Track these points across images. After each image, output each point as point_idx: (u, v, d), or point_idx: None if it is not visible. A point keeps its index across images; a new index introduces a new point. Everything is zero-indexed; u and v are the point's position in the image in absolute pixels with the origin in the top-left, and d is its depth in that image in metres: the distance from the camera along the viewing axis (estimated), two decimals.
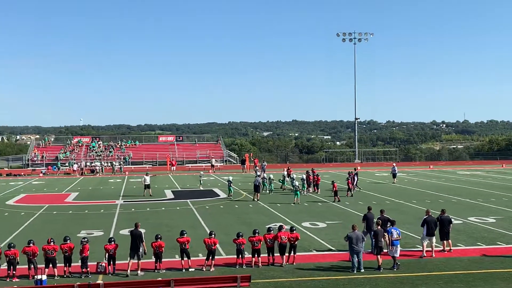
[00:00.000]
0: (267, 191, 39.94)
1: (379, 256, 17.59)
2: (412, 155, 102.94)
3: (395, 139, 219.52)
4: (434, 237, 19.48)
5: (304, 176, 39.64)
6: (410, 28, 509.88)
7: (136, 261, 17.44)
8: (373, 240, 18.32)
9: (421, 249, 19.66)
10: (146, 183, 39.52)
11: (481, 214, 29.00)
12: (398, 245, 17.85)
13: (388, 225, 19.03)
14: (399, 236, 17.99)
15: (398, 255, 17.74)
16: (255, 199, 35.15)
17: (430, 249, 19.39)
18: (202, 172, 48.78)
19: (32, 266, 16.86)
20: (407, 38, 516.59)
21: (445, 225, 19.92)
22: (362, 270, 17.20)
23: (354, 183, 39.68)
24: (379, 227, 18.31)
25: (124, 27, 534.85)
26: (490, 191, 40.30)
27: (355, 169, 43.24)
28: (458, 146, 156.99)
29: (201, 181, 45.24)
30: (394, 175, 47.87)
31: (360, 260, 17.37)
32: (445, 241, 19.95)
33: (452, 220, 20.93)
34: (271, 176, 42.16)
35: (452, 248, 19.98)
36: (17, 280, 16.57)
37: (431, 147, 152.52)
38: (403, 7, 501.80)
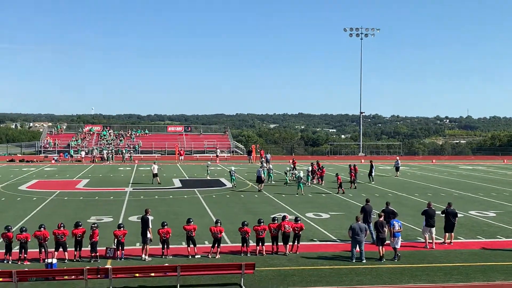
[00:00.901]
0: (272, 182, 40.48)
1: (382, 247, 17.99)
2: (416, 149, 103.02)
3: (399, 133, 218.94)
4: (433, 229, 19.89)
5: (310, 168, 40.07)
6: (415, 24, 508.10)
7: (146, 247, 17.93)
8: (375, 231, 18.73)
9: (423, 241, 20.11)
10: (154, 172, 40.16)
11: (481, 208, 29.36)
12: (399, 237, 18.24)
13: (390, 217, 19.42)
14: (400, 228, 18.36)
15: (399, 247, 18.12)
16: (260, 190, 35.55)
17: (430, 241, 19.84)
18: (209, 162, 49.23)
19: (43, 249, 17.31)
20: (413, 34, 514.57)
21: (451, 218, 20.32)
22: (364, 260, 17.60)
23: (370, 175, 41.71)
24: (381, 219, 18.69)
25: (135, 18, 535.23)
26: (491, 186, 40.61)
27: (370, 161, 44.53)
28: (461, 141, 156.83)
29: (208, 171, 45.67)
30: (397, 169, 48.19)
31: (362, 250, 17.78)
32: (447, 234, 20.38)
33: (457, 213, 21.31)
34: (271, 166, 42.92)
35: (452, 241, 20.40)
36: (28, 263, 17.01)
37: (434, 142, 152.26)
38: (409, 3, 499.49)
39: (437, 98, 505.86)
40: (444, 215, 20.56)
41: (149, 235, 18.06)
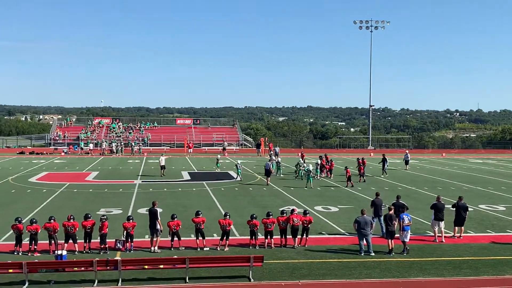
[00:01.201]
0: (281, 175, 40.51)
1: (391, 240, 17.95)
2: (425, 143, 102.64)
3: (409, 126, 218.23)
4: (442, 222, 19.83)
5: (319, 161, 40.01)
6: (425, 17, 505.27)
7: (154, 238, 18.02)
8: (385, 224, 18.70)
9: (432, 234, 20.07)
10: (162, 164, 40.33)
11: (491, 202, 29.25)
12: (409, 231, 18.19)
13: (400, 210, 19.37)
14: (409, 222, 18.31)
15: (408, 240, 18.08)
16: (268, 183, 35.50)
17: (440, 234, 19.79)
18: (219, 156, 49.21)
19: (53, 241, 17.43)
20: (423, 26, 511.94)
21: (462, 212, 20.25)
22: (372, 254, 17.59)
23: (383, 168, 42.03)
24: (391, 212, 18.64)
25: (144, 10, 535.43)
26: (501, 180, 40.41)
27: (383, 155, 44.41)
28: (471, 135, 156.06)
29: (218, 164, 45.71)
30: (406, 162, 48.05)
31: (369, 243, 17.78)
32: (457, 227, 20.31)
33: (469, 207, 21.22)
34: (279, 159, 42.95)
35: (462, 235, 20.33)
36: (38, 254, 17.13)
37: (444, 135, 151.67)
38: None
39: (447, 91, 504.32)
40: (454, 209, 20.48)
41: (158, 227, 18.12)
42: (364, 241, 17.79)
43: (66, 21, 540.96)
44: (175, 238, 18.05)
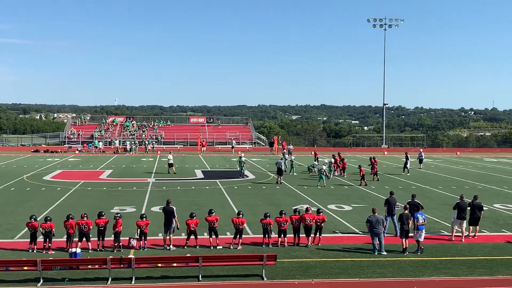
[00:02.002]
0: (294, 174, 40.48)
1: (405, 240, 17.85)
2: (440, 142, 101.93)
3: (423, 125, 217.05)
4: (465, 222, 19.70)
5: (332, 160, 39.86)
6: (440, 15, 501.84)
7: (169, 236, 18.06)
8: (399, 223, 18.58)
9: (448, 234, 19.95)
10: (170, 162, 40.70)
11: (506, 201, 28.98)
12: (423, 230, 18.07)
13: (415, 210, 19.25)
14: (424, 221, 18.18)
15: (422, 240, 17.97)
16: (278, 182, 35.33)
17: (459, 234, 19.66)
18: (243, 154, 48.94)
19: (47, 240, 17.45)
20: (438, 25, 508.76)
21: (476, 211, 20.10)
22: (384, 253, 17.51)
23: (405, 167, 42.65)
24: (406, 211, 18.53)
25: (159, 9, 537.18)
26: None
27: (406, 153, 44.67)
28: (486, 134, 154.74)
29: (243, 165, 44.94)
30: (420, 161, 47.76)
31: (382, 242, 17.70)
32: (471, 227, 20.16)
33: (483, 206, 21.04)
34: (293, 157, 42.94)
35: (476, 234, 20.18)
36: (52, 252, 17.24)
37: (458, 134, 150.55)
38: None
39: (461, 90, 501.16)
40: (469, 208, 20.33)
41: (174, 224, 18.16)
42: (377, 240, 17.72)
43: (82, 20, 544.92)
44: (191, 237, 18.08)
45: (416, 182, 37.15)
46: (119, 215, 18.17)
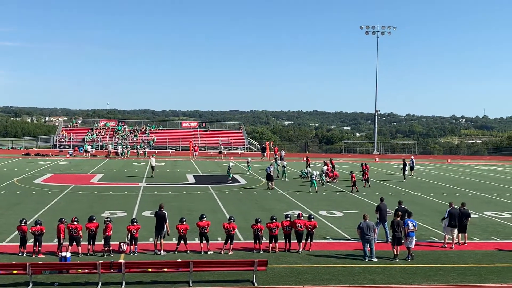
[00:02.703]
0: (286, 179, 40.51)
1: (396, 247, 17.87)
2: (431, 149, 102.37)
3: (414, 132, 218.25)
4: (456, 229, 19.78)
5: (325, 168, 39.81)
6: (432, 23, 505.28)
7: (160, 241, 18.00)
8: (391, 230, 18.56)
9: (438, 241, 20.02)
10: (153, 165, 41.20)
11: (496, 208, 29.11)
12: (414, 237, 18.12)
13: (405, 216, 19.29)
14: (415, 228, 18.24)
15: (413, 246, 18.01)
16: (269, 187, 35.26)
17: (451, 241, 19.73)
18: (249, 159, 48.92)
19: (37, 243, 17.29)
20: (430, 33, 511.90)
21: (464, 218, 20.16)
22: (375, 259, 17.53)
23: (404, 173, 43.43)
24: (398, 218, 18.53)
25: (151, 12, 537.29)
26: (506, 187, 40.24)
27: (403, 160, 45.56)
28: (477, 141, 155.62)
29: (250, 167, 45.98)
30: (411, 168, 47.90)
31: (372, 249, 17.73)
32: (460, 234, 20.24)
33: (471, 213, 21.14)
34: (285, 163, 43.02)
35: (466, 241, 20.25)
36: (42, 256, 17.15)
37: (449, 141, 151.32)
38: (426, 1, 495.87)
39: (453, 98, 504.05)
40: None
41: (165, 230, 18.13)
42: (368, 246, 17.75)
43: (72, 23, 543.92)
44: (181, 242, 18.04)
45: (407, 189, 37.26)
46: (109, 219, 18.10)
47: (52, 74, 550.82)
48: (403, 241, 18.07)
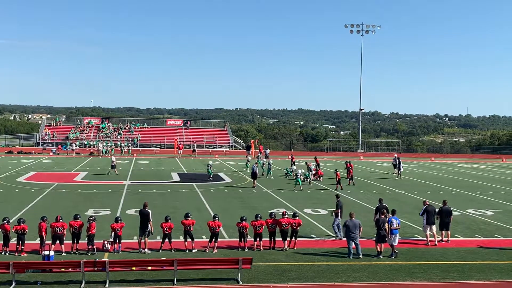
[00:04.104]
0: (272, 177, 40.54)
1: (380, 244, 17.95)
2: (414, 147, 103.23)
3: (398, 130, 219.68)
4: (434, 226, 19.93)
5: (312, 167, 39.93)
6: (416, 22, 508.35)
7: (144, 239, 17.92)
8: (375, 228, 18.59)
9: (421, 238, 20.16)
10: (113, 164, 41.16)
11: (479, 206, 29.39)
12: (397, 234, 18.24)
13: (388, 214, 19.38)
14: (398, 225, 18.37)
15: (396, 244, 18.13)
16: (254, 186, 35.35)
17: (433, 238, 19.87)
18: (249, 157, 48.73)
19: (21, 242, 17.20)
20: (414, 31, 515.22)
21: (446, 216, 20.33)
22: (361, 256, 17.62)
23: (398, 171, 43.68)
24: (383, 216, 18.62)
25: (136, 10, 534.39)
26: (489, 185, 40.66)
27: (398, 158, 45.87)
28: (460, 140, 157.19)
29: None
30: (395, 166, 48.08)
31: (358, 246, 17.80)
32: (443, 232, 20.40)
33: (452, 211, 21.32)
34: (271, 161, 43.03)
35: (449, 238, 20.42)
36: (25, 254, 17.00)
37: (433, 140, 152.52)
38: (411, 1, 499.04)
39: (436, 96, 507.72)
40: (438, 213, 20.52)
41: (149, 228, 18.06)
42: (353, 244, 17.82)
43: (56, 20, 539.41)
44: (166, 240, 17.99)
45: (390, 187, 37.47)
46: (93, 217, 17.98)
47: (35, 71, 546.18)
48: (386, 238, 18.18)
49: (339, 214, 20.84)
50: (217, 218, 18.43)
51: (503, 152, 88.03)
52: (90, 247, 17.39)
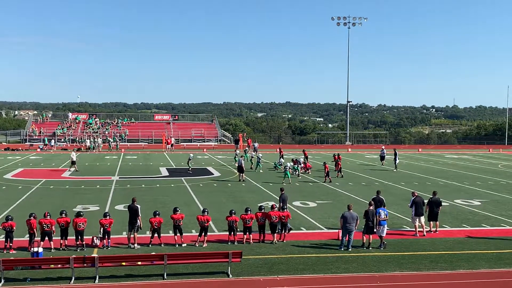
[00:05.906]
0: (261, 170, 40.57)
1: (368, 236, 18.03)
2: (402, 138, 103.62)
3: (386, 122, 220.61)
4: (422, 217, 20.06)
5: (301, 160, 39.99)
6: (403, 13, 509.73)
7: (133, 235, 17.88)
8: (364, 219, 18.65)
9: (410, 229, 20.27)
10: (73, 160, 40.30)
11: (467, 196, 29.62)
12: (385, 225, 18.34)
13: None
14: (386, 217, 18.46)
15: (384, 235, 18.22)
16: (240, 179, 35.33)
17: (421, 229, 20.00)
18: (247, 149, 48.71)
19: (9, 239, 17.11)
20: (400, 23, 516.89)
21: (435, 207, 20.46)
22: (350, 249, 17.69)
23: (395, 163, 43.74)
24: (371, 207, 18.69)
25: (123, 5, 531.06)
26: (476, 175, 40.96)
27: (394, 150, 46.10)
28: (447, 131, 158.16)
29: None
30: (382, 158, 48.32)
31: (351, 239, 17.82)
32: (432, 222, 20.54)
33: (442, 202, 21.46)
34: (260, 155, 43.08)
35: (438, 229, 20.56)
36: (14, 251, 16.90)
37: (420, 131, 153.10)
38: None
39: (423, 88, 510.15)
40: (428, 204, 20.65)
41: (138, 223, 18.01)
42: (347, 236, 17.83)
43: (43, 15, 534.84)
44: (155, 235, 17.96)
45: (379, 178, 37.64)
46: (81, 213, 17.90)
47: (21, 67, 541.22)
48: (375, 230, 18.26)
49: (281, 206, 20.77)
50: (206, 212, 18.40)
51: (490, 142, 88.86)
52: (79, 243, 17.30)
